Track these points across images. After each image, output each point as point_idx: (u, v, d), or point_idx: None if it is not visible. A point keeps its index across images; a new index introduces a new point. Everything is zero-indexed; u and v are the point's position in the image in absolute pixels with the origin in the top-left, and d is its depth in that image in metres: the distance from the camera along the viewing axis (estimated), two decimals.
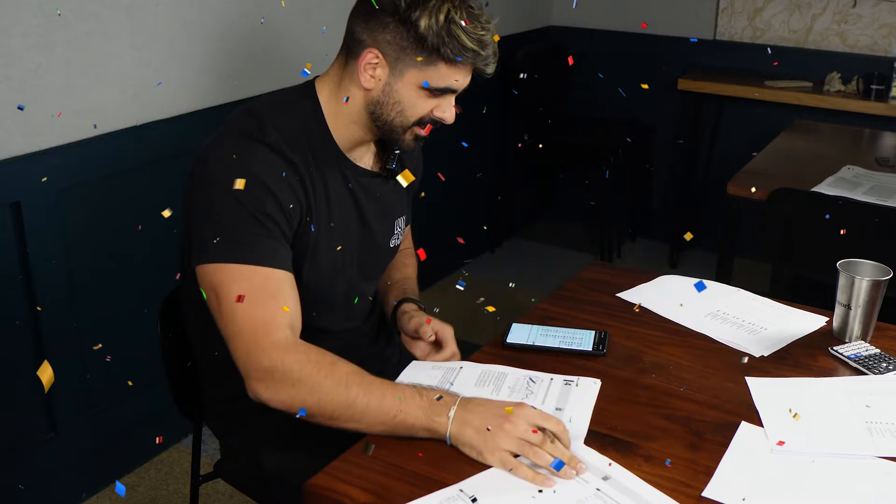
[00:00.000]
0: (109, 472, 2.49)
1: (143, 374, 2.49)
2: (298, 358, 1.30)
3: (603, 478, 1.19)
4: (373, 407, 1.26)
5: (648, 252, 4.23)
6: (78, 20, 2.17)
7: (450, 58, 1.37)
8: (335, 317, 1.57)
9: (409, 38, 1.36)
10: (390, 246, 1.64)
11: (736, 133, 3.99)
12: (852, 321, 1.58)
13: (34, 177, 2.13)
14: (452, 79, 1.40)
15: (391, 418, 1.26)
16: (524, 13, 4.04)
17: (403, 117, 1.43)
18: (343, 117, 1.46)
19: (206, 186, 1.37)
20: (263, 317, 1.31)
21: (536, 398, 1.37)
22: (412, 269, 1.78)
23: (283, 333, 1.32)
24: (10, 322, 2.16)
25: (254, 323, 1.31)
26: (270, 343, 1.30)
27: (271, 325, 1.31)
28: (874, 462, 1.25)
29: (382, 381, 1.30)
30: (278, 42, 2.75)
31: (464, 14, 1.36)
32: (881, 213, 2.31)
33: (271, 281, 1.34)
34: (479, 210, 4.07)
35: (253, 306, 1.31)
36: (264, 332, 1.31)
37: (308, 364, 1.29)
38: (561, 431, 1.23)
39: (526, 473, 1.18)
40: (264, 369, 1.30)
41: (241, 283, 1.32)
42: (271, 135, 1.40)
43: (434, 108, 1.43)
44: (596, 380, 1.43)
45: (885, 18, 3.65)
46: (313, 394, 1.28)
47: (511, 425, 1.21)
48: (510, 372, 1.45)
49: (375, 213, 1.56)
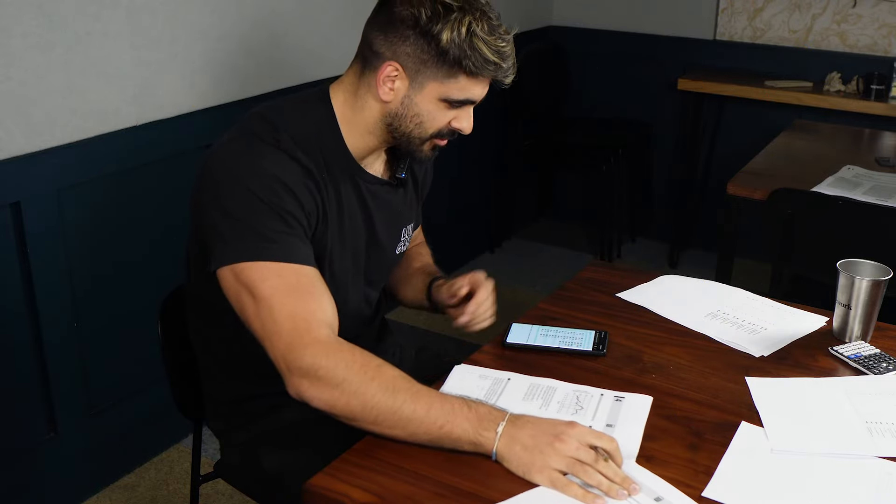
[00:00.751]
0: (109, 472, 2.49)
1: (143, 374, 2.50)
2: (343, 357, 1.25)
3: (655, 499, 1.16)
4: (419, 415, 1.22)
5: (648, 252, 4.23)
6: (78, 20, 2.17)
7: (471, 70, 1.36)
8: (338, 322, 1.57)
9: (430, 51, 1.35)
10: (396, 253, 1.63)
11: (736, 133, 4.00)
12: (852, 321, 1.58)
13: (34, 177, 2.13)
14: (472, 91, 1.40)
15: (437, 428, 1.22)
16: (524, 13, 4.04)
17: (422, 129, 1.42)
18: (358, 126, 1.45)
19: (221, 187, 1.34)
20: (304, 313, 1.28)
21: (586, 414, 1.34)
22: (429, 258, 1.77)
23: (324, 331, 1.28)
24: (10, 322, 2.16)
25: (294, 319, 1.27)
26: (312, 339, 1.26)
27: (312, 322, 1.27)
28: (874, 462, 1.25)
29: (430, 390, 1.26)
30: (278, 42, 2.75)
31: (485, 26, 1.35)
32: (881, 213, 2.31)
33: (303, 277, 1.31)
34: (480, 210, 4.07)
35: (292, 301, 1.28)
36: (306, 329, 1.27)
37: (353, 364, 1.25)
38: (614, 450, 1.19)
39: (576, 492, 1.15)
40: (307, 367, 1.25)
41: (274, 280, 1.29)
42: (285, 140, 1.38)
43: (452, 119, 1.43)
44: (647, 396, 1.39)
45: (885, 18, 3.65)
46: (357, 396, 1.23)
47: (562, 444, 1.18)
48: (559, 386, 1.41)
49: (384, 221, 1.55)
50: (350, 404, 1.24)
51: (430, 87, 1.38)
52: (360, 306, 1.60)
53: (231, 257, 1.31)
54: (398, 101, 1.40)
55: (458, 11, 1.34)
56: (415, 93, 1.39)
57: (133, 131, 2.36)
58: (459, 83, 1.38)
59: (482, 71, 1.36)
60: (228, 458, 1.64)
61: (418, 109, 1.40)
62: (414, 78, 1.38)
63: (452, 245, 1.79)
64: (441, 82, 1.38)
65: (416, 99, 1.40)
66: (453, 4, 1.34)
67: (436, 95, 1.39)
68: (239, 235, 1.31)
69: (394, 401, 1.22)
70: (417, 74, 1.38)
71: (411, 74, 1.38)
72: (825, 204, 2.37)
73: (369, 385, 1.23)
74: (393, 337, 1.75)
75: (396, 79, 1.38)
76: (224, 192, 1.33)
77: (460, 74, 1.37)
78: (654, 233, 4.32)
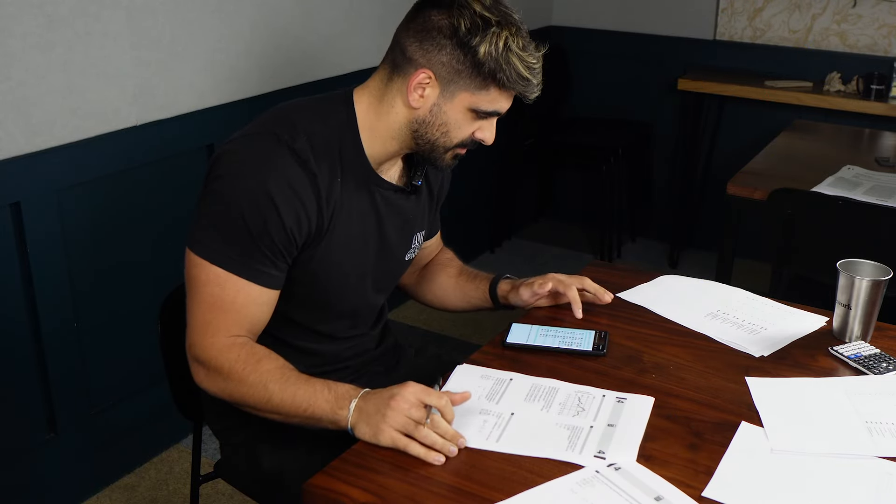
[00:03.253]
0: (109, 472, 2.49)
1: (143, 374, 2.50)
2: (230, 357, 1.37)
3: (655, 498, 1.16)
4: (287, 401, 1.33)
5: (648, 252, 4.23)
6: (78, 20, 2.17)
7: (504, 84, 1.39)
8: (342, 324, 1.57)
9: (465, 62, 1.37)
10: (405, 259, 1.63)
11: (736, 133, 4.00)
12: (852, 321, 1.58)
13: (34, 177, 2.13)
14: (500, 103, 1.43)
15: (303, 411, 1.32)
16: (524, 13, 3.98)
17: (448, 138, 1.44)
18: (381, 132, 1.45)
19: (217, 183, 1.38)
20: (219, 323, 1.38)
21: (588, 415, 1.34)
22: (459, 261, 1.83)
23: (224, 339, 1.38)
24: (10, 322, 2.16)
25: (207, 325, 1.38)
26: (211, 343, 1.38)
27: (220, 330, 1.38)
28: (874, 462, 1.25)
29: (300, 377, 1.35)
30: (278, 42, 2.75)
31: (520, 42, 1.38)
32: (881, 213, 2.31)
33: (242, 295, 1.38)
34: (480, 210, 4.07)
35: (212, 311, 1.38)
36: (212, 332, 1.38)
37: (237, 362, 1.36)
38: (443, 405, 1.26)
39: (418, 450, 1.22)
40: (201, 361, 1.39)
41: (214, 287, 1.37)
42: (300, 141, 1.39)
43: (476, 129, 1.45)
44: (649, 397, 1.40)
45: (885, 18, 3.65)
46: (239, 388, 1.36)
47: (395, 403, 1.25)
48: (561, 387, 1.42)
49: (395, 227, 1.55)
50: (233, 394, 1.38)
51: (461, 97, 1.40)
52: (365, 312, 1.60)
53: (196, 248, 1.39)
54: (427, 108, 1.42)
55: (496, 26, 1.36)
56: (445, 101, 1.41)
57: (133, 131, 2.36)
58: (490, 95, 1.40)
59: (514, 85, 1.40)
60: (228, 458, 1.64)
61: (446, 118, 1.42)
62: (446, 87, 1.40)
63: (452, 245, 1.79)
64: (472, 93, 1.40)
65: (445, 108, 1.41)
66: (492, 18, 1.37)
67: (466, 105, 1.41)
68: (210, 233, 1.38)
69: (265, 390, 1.34)
70: (450, 84, 1.39)
71: (443, 83, 1.39)
72: (825, 204, 2.37)
73: (247, 378, 1.35)
74: (393, 337, 1.75)
75: (428, 86, 1.40)
76: (217, 189, 1.38)
77: (492, 87, 1.39)
78: (654, 233, 4.32)
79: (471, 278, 1.77)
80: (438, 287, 1.78)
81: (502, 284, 1.72)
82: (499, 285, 1.72)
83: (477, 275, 1.77)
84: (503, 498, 1.16)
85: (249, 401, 1.36)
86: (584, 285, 1.68)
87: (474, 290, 1.75)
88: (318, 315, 1.53)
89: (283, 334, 1.53)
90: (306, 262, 1.44)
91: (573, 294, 1.64)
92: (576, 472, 1.21)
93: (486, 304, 1.75)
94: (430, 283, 1.79)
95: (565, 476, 1.20)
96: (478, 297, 1.75)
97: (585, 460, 1.23)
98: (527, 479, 1.20)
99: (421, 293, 1.81)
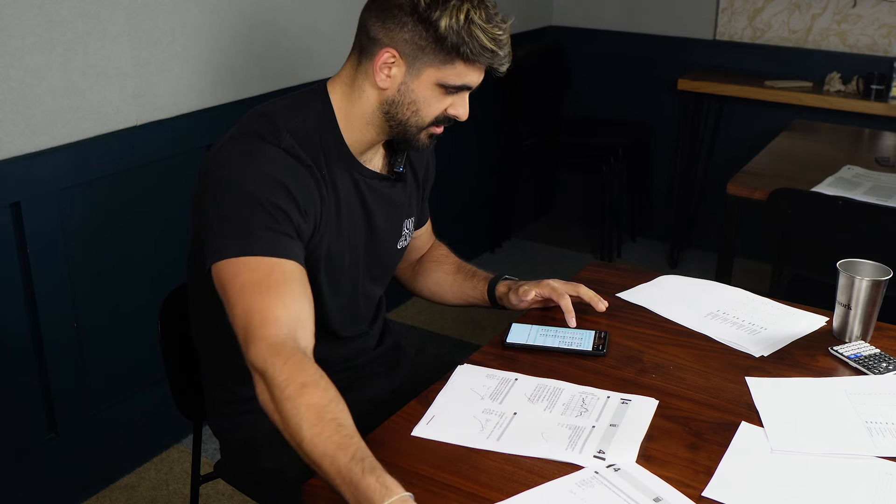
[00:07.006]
0: (109, 472, 2.49)
1: (144, 374, 2.50)
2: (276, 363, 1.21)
3: (654, 499, 1.16)
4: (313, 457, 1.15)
5: (648, 252, 4.23)
6: (78, 20, 2.17)
7: (468, 57, 1.37)
8: (340, 320, 1.57)
9: (428, 37, 1.36)
10: (397, 248, 1.63)
11: (736, 133, 4.00)
12: (852, 321, 1.58)
13: (34, 177, 2.13)
14: (469, 77, 1.41)
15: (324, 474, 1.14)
16: (524, 13, 4.04)
17: (418, 117, 1.43)
18: (356, 119, 1.45)
19: (219, 188, 1.35)
20: (260, 307, 1.25)
21: (591, 415, 1.34)
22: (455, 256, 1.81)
23: (272, 330, 1.24)
24: (10, 322, 2.16)
25: (248, 315, 1.25)
26: (257, 337, 1.23)
27: (266, 317, 1.25)
28: (874, 462, 1.25)
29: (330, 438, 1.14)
30: (278, 42, 2.75)
31: (482, 14, 1.37)
32: (881, 213, 2.31)
33: (276, 272, 1.29)
34: (479, 210, 4.07)
35: (253, 296, 1.26)
36: (259, 323, 1.24)
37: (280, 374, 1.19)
38: None
39: None
40: (255, 368, 1.23)
41: (245, 274, 1.28)
42: (286, 138, 1.39)
43: (448, 106, 1.44)
44: (653, 399, 1.39)
45: (885, 18, 3.65)
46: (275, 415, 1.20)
47: None
48: (565, 388, 1.42)
49: (383, 216, 1.55)
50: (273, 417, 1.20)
51: (427, 73, 1.39)
52: (360, 301, 1.60)
53: (218, 255, 1.30)
54: (395, 87, 1.41)
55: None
56: (411, 79, 1.40)
57: (133, 131, 2.36)
58: (456, 69, 1.39)
59: (479, 58, 1.38)
60: (228, 458, 1.64)
61: (415, 96, 1.41)
62: (411, 64, 1.39)
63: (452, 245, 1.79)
64: (438, 68, 1.39)
65: (412, 85, 1.40)
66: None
67: (433, 81, 1.40)
68: (226, 234, 1.31)
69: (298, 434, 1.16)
70: (415, 61, 1.39)
71: (409, 61, 1.39)
72: (825, 204, 2.37)
73: (284, 404, 1.18)
74: (393, 337, 1.75)
75: (394, 65, 1.39)
76: (220, 193, 1.34)
77: (457, 61, 1.38)
78: (654, 233, 4.33)
79: (468, 276, 1.76)
80: (434, 283, 1.78)
81: (500, 286, 1.71)
82: (497, 287, 1.71)
83: (475, 273, 1.76)
84: (503, 498, 1.16)
85: (279, 423, 1.20)
86: (580, 293, 1.66)
87: (472, 289, 1.74)
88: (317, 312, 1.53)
89: None
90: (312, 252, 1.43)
91: (566, 304, 1.63)
92: (575, 473, 1.21)
93: (483, 303, 1.74)
94: (426, 278, 1.79)
95: (565, 477, 1.20)
96: (475, 297, 1.74)
97: (585, 461, 1.23)
98: (527, 479, 1.20)
99: (417, 287, 1.81)
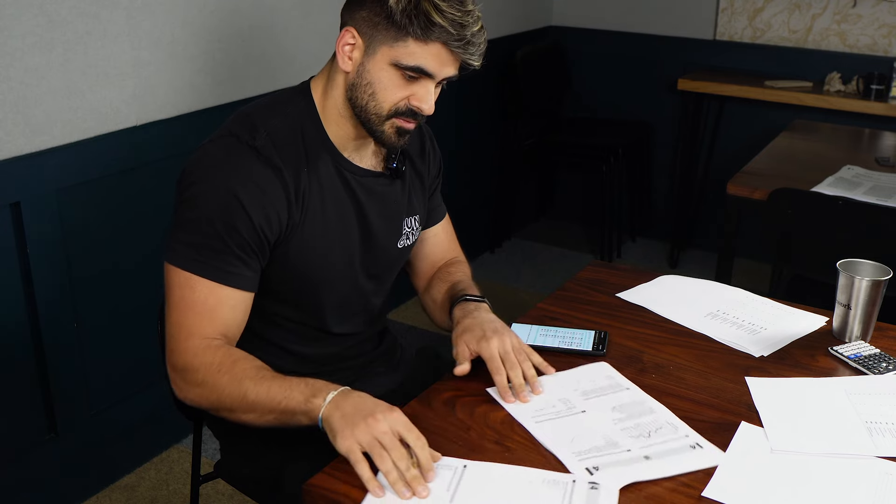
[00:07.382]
0: (109, 472, 2.49)
1: (143, 374, 2.50)
2: (205, 359, 1.34)
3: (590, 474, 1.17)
4: (262, 397, 1.29)
5: (648, 252, 4.24)
6: (78, 20, 2.17)
7: (418, 35, 1.34)
8: (335, 318, 1.57)
9: (381, 13, 1.35)
10: (398, 247, 1.61)
11: (736, 133, 4.00)
12: (852, 321, 1.58)
13: (34, 177, 2.13)
14: (424, 59, 1.36)
15: (277, 404, 1.28)
16: (524, 13, 4.04)
17: (376, 101, 1.40)
18: (333, 111, 1.45)
19: (185, 193, 1.39)
20: (191, 326, 1.36)
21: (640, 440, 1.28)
22: (459, 275, 1.68)
23: (198, 341, 1.36)
24: (10, 322, 2.16)
25: (180, 328, 1.37)
26: (185, 347, 1.36)
27: (193, 333, 1.36)
28: (874, 462, 1.25)
29: (276, 375, 1.32)
30: (278, 42, 2.75)
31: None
32: (881, 213, 2.31)
33: (211, 298, 1.37)
34: (479, 210, 4.07)
35: (184, 314, 1.37)
36: (185, 336, 1.36)
37: (212, 365, 1.34)
38: (419, 447, 1.18)
39: (364, 473, 1.16)
40: (178, 368, 1.37)
41: (186, 290, 1.37)
42: (261, 138, 1.40)
43: (410, 95, 1.40)
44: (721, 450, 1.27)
45: (885, 18, 3.65)
46: (213, 392, 1.34)
47: (374, 421, 1.19)
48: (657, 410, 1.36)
49: (379, 214, 1.54)
50: (209, 399, 1.35)
51: (382, 52, 1.37)
52: (359, 300, 1.59)
53: (169, 257, 1.40)
54: (355, 70, 1.41)
55: None
56: (368, 59, 1.39)
57: (133, 131, 2.36)
58: (409, 47, 1.36)
59: (429, 35, 1.34)
60: (228, 458, 1.64)
61: (371, 77, 1.39)
62: (369, 44, 1.38)
63: None
64: (391, 46, 1.36)
65: (368, 66, 1.39)
66: None
67: (387, 61, 1.37)
68: (180, 241, 1.38)
69: (240, 388, 1.31)
70: (371, 39, 1.38)
71: (366, 40, 1.38)
72: (825, 204, 2.37)
73: (221, 379, 1.32)
74: (393, 337, 1.75)
75: (355, 47, 1.39)
76: (182, 203, 1.40)
77: (409, 38, 1.35)
78: (654, 233, 4.33)
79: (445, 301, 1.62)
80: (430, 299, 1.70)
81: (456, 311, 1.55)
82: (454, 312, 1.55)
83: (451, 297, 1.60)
84: None
85: (226, 401, 1.33)
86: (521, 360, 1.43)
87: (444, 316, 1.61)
88: (312, 310, 1.53)
89: (283, 340, 1.53)
90: (284, 257, 1.44)
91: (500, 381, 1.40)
92: (556, 473, 1.20)
93: None
94: (426, 294, 1.72)
95: (545, 470, 1.21)
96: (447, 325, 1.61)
97: (576, 467, 1.21)
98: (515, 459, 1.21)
99: (423, 303, 1.74)
